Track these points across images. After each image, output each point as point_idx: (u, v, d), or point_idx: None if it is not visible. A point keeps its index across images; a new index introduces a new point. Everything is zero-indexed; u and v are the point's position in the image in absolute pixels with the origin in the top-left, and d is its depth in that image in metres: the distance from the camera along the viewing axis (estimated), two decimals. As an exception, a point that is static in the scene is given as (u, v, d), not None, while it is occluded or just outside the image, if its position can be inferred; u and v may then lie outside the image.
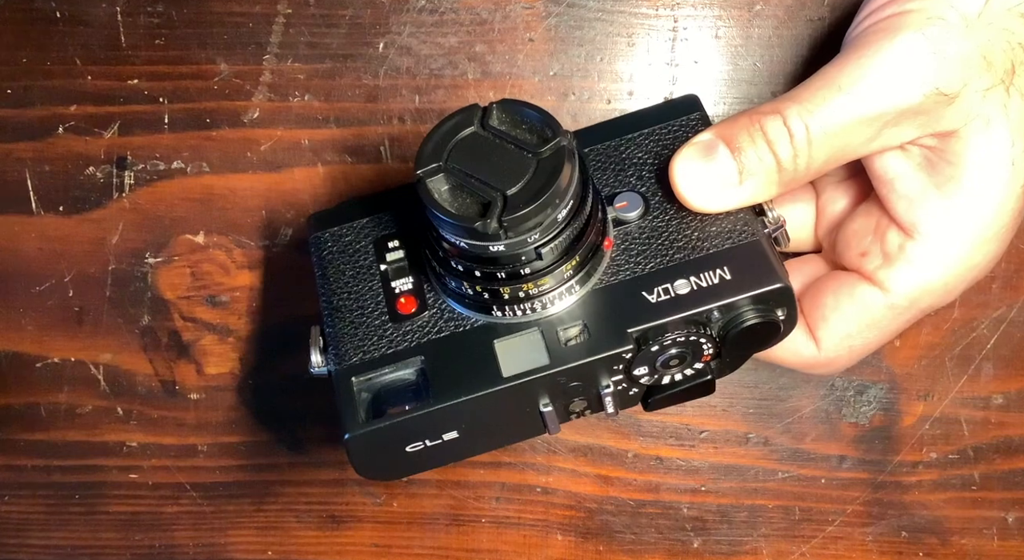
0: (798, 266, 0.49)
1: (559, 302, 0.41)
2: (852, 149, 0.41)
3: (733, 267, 0.40)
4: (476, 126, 0.39)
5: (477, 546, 0.59)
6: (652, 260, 0.41)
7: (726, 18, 0.53)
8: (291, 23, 0.54)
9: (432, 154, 0.38)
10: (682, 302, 0.40)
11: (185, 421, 0.60)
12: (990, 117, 0.40)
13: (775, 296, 0.40)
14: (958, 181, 0.41)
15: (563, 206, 0.38)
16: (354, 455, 0.41)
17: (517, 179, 0.37)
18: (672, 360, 0.41)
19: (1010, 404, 0.56)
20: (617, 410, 0.42)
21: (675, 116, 0.45)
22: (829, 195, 0.48)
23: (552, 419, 0.42)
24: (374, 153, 0.55)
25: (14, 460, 0.61)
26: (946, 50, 0.40)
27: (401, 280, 0.44)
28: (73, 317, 0.59)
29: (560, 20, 0.53)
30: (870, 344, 0.45)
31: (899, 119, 0.40)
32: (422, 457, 0.42)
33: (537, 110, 0.39)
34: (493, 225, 0.37)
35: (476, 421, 0.42)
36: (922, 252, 0.42)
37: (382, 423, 0.40)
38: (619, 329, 0.40)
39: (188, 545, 0.61)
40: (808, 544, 0.58)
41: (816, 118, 0.40)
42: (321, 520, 0.60)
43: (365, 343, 0.43)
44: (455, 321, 0.42)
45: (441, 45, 0.54)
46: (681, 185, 0.41)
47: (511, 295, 0.40)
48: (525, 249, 0.38)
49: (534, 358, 0.40)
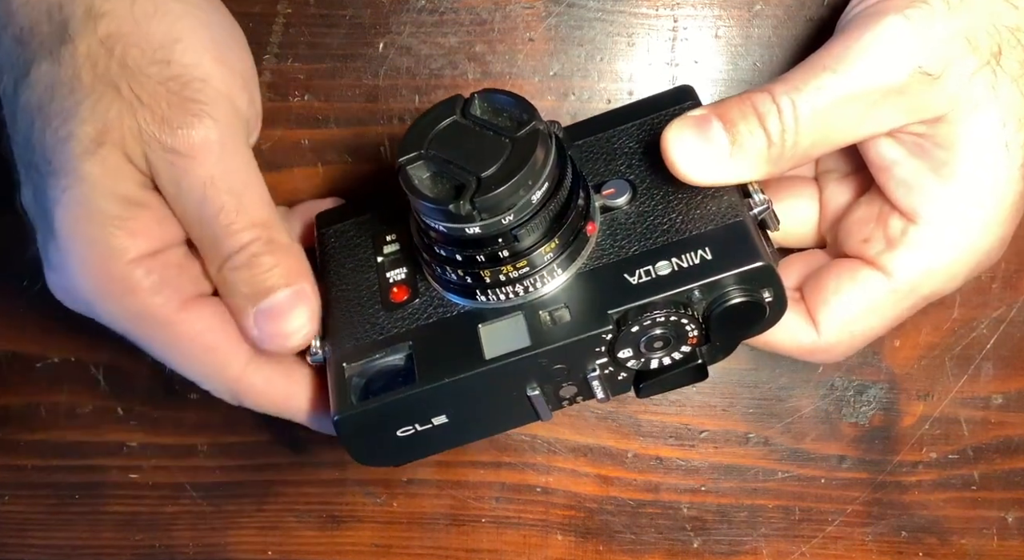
0: (802, 258, 0.49)
1: (542, 286, 0.41)
2: (839, 132, 0.42)
3: (715, 247, 0.40)
4: (457, 115, 0.40)
5: (477, 546, 0.59)
6: (636, 244, 0.41)
7: (726, 18, 0.53)
8: (291, 23, 0.54)
9: (413, 142, 0.39)
10: (662, 283, 0.40)
11: (185, 421, 0.60)
12: (978, 100, 0.41)
13: (757, 275, 0.40)
14: (952, 166, 0.42)
15: (537, 187, 0.38)
16: (345, 437, 0.42)
17: (492, 162, 0.38)
18: (656, 341, 0.41)
19: (1010, 404, 0.56)
20: (608, 395, 0.43)
21: (667, 106, 0.45)
22: (832, 190, 0.48)
23: (541, 404, 0.42)
24: (374, 153, 0.55)
25: (14, 460, 0.61)
26: (927, 31, 0.40)
27: (395, 271, 0.45)
28: (73, 317, 0.59)
29: (560, 20, 0.53)
30: (870, 331, 0.45)
31: (884, 100, 0.41)
32: (416, 442, 0.43)
33: (514, 97, 0.39)
34: (466, 206, 0.38)
35: (464, 405, 0.42)
36: (924, 236, 0.43)
37: (368, 405, 0.41)
38: (599, 310, 0.40)
39: (188, 545, 0.61)
40: (808, 544, 0.58)
41: (803, 96, 0.40)
42: (321, 520, 0.60)
43: (358, 331, 0.44)
44: (443, 307, 0.43)
45: (441, 45, 0.54)
46: (674, 154, 0.41)
47: (492, 279, 0.41)
48: (501, 230, 0.39)
49: (516, 340, 0.41)
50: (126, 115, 0.40)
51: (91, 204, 0.40)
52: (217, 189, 0.41)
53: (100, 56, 0.40)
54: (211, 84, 0.41)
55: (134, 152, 0.40)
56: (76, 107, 0.40)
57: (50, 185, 0.40)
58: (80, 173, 0.40)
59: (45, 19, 0.41)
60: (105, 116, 0.40)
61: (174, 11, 0.41)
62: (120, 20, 0.40)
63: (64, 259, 0.41)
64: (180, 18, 0.41)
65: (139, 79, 0.40)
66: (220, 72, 0.41)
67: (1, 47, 0.42)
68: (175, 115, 0.40)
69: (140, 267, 0.41)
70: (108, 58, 0.40)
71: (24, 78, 0.41)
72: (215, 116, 0.41)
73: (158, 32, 0.41)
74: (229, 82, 0.42)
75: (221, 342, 0.43)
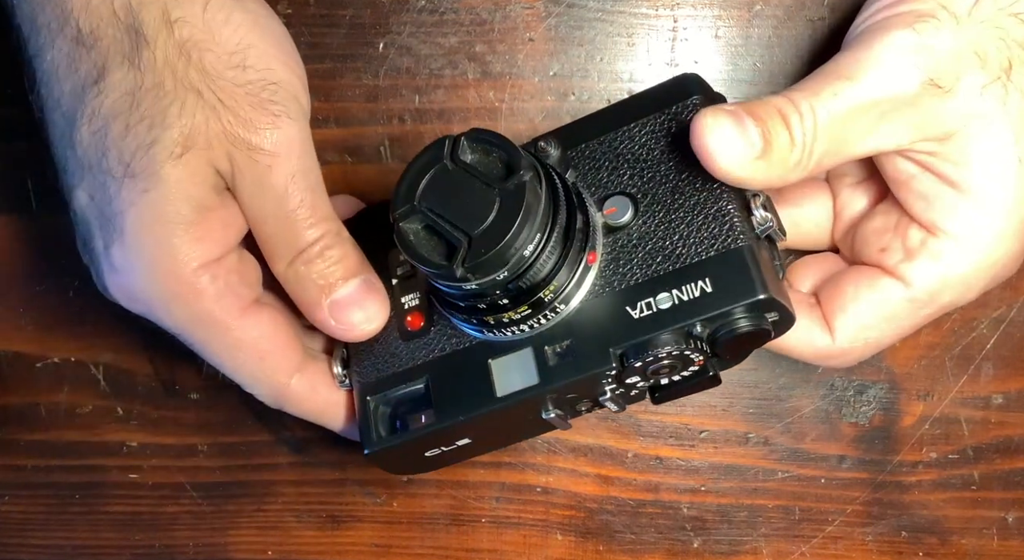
0: (817, 261, 0.49)
1: (547, 322, 0.41)
2: (851, 143, 0.42)
3: (715, 278, 0.40)
4: (446, 159, 0.39)
5: (477, 546, 0.59)
6: (638, 270, 0.41)
7: (726, 18, 0.53)
8: (291, 23, 0.54)
9: (406, 194, 0.40)
10: (663, 317, 0.40)
11: (185, 421, 0.60)
12: (990, 115, 0.41)
13: (758, 306, 0.39)
14: (969, 181, 0.42)
15: (528, 241, 0.38)
16: (376, 464, 0.45)
17: (482, 219, 0.38)
18: (662, 369, 0.41)
19: (1010, 404, 0.56)
20: (623, 407, 0.43)
21: (673, 100, 0.44)
22: (846, 197, 0.48)
23: (558, 422, 0.43)
24: (374, 153, 0.55)
25: (14, 460, 0.61)
26: (936, 45, 0.40)
27: (409, 296, 0.46)
28: (73, 317, 0.59)
29: (560, 20, 0.53)
30: (885, 338, 0.45)
31: (896, 111, 0.41)
32: (443, 457, 0.45)
33: (500, 140, 0.39)
34: (459, 271, 0.38)
35: (484, 430, 0.44)
36: (943, 248, 0.43)
37: (394, 441, 0.44)
38: (602, 348, 0.40)
39: (188, 545, 0.61)
40: (808, 544, 0.58)
41: (821, 101, 0.41)
42: (321, 520, 0.60)
43: (379, 362, 0.46)
44: (456, 337, 0.44)
45: (441, 45, 0.54)
46: (711, 145, 0.40)
47: (496, 321, 0.41)
48: (497, 284, 0.39)
49: (525, 377, 0.41)
50: (211, 118, 0.41)
51: (167, 207, 0.41)
52: (298, 186, 0.42)
53: (179, 61, 0.41)
54: (283, 87, 0.43)
55: (218, 154, 0.42)
56: (162, 112, 0.41)
57: (125, 187, 0.41)
58: (162, 176, 0.41)
59: (110, 23, 0.42)
60: (191, 120, 0.41)
61: (242, 19, 0.42)
62: (193, 26, 0.41)
63: (132, 261, 0.42)
64: (248, 25, 0.42)
65: (218, 83, 0.41)
66: (287, 75, 0.43)
67: (54, 51, 0.43)
68: (257, 116, 0.42)
69: (207, 273, 0.42)
70: (187, 64, 0.41)
71: (95, 84, 0.42)
72: (292, 116, 0.42)
73: (232, 38, 0.42)
74: (296, 84, 0.43)
75: (274, 349, 0.44)
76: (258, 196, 0.42)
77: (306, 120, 0.44)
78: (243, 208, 0.43)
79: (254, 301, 0.44)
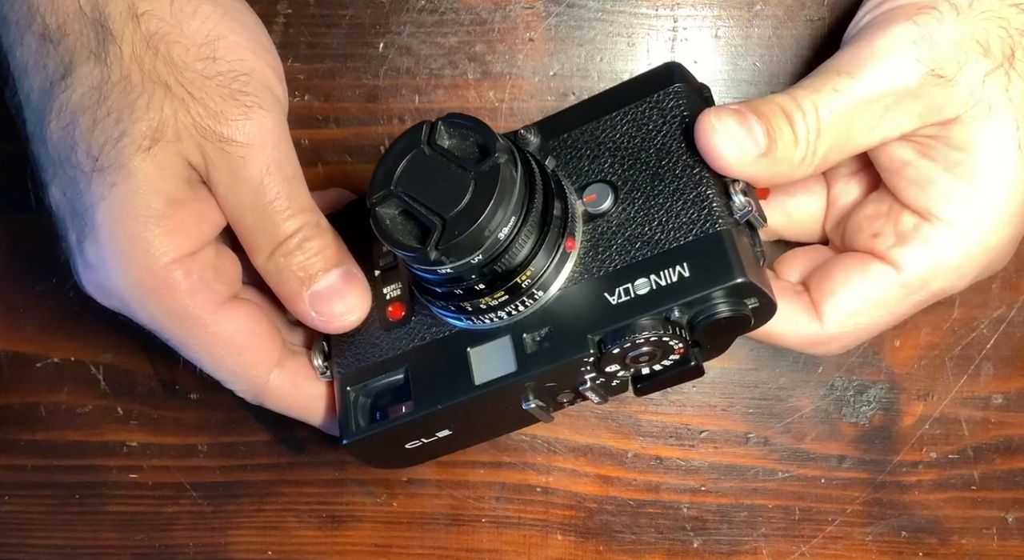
0: (806, 252, 0.49)
1: (524, 309, 0.41)
2: (855, 137, 0.42)
3: (693, 263, 0.39)
4: (424, 144, 0.39)
5: (477, 546, 0.59)
6: (617, 257, 0.41)
7: (726, 18, 0.53)
8: (291, 23, 0.54)
9: (383, 179, 0.40)
10: (641, 303, 0.39)
11: (185, 421, 0.60)
12: (992, 102, 0.41)
13: (737, 290, 0.39)
14: (967, 166, 0.42)
15: (503, 224, 0.38)
16: (356, 456, 0.44)
17: (457, 201, 0.38)
18: (642, 356, 0.40)
19: (1010, 404, 0.56)
20: (605, 399, 0.43)
21: (655, 88, 0.44)
22: (840, 187, 0.49)
23: (539, 413, 0.42)
24: (374, 153, 0.55)
25: (14, 460, 0.61)
26: (937, 36, 0.41)
27: (391, 286, 0.46)
28: (73, 317, 0.59)
29: (560, 20, 0.53)
30: (873, 324, 0.45)
31: (898, 104, 0.41)
32: (424, 450, 0.45)
33: (476, 124, 0.39)
34: (434, 253, 0.38)
35: (464, 420, 0.43)
36: (936, 233, 0.43)
37: (373, 430, 0.43)
38: (580, 334, 0.40)
39: (188, 545, 0.61)
40: (808, 544, 0.58)
41: (823, 98, 0.41)
42: (321, 520, 0.60)
43: (359, 352, 0.45)
44: (436, 327, 0.44)
45: (441, 45, 0.54)
46: (717, 142, 0.40)
47: (473, 308, 0.41)
48: (472, 268, 0.39)
49: (503, 365, 0.41)
50: (180, 111, 0.41)
51: (138, 200, 0.41)
52: (274, 177, 0.42)
53: (146, 54, 0.41)
54: (255, 77, 0.42)
55: (189, 147, 0.41)
56: (129, 106, 0.41)
57: (95, 182, 0.41)
58: (130, 169, 0.40)
59: (76, 18, 0.41)
60: (159, 113, 0.41)
61: (211, 11, 0.42)
62: (160, 19, 0.41)
63: (104, 257, 0.42)
64: (218, 17, 0.42)
65: (187, 75, 0.41)
66: (259, 66, 0.43)
67: (23, 47, 0.42)
68: (229, 108, 0.41)
69: (180, 267, 0.42)
70: (154, 56, 0.41)
71: (62, 79, 0.41)
72: (265, 107, 0.42)
73: (201, 30, 0.42)
74: (268, 74, 0.43)
75: (252, 344, 0.44)
76: (234, 188, 0.42)
77: (282, 110, 0.43)
78: (220, 201, 0.43)
79: (231, 296, 0.44)
